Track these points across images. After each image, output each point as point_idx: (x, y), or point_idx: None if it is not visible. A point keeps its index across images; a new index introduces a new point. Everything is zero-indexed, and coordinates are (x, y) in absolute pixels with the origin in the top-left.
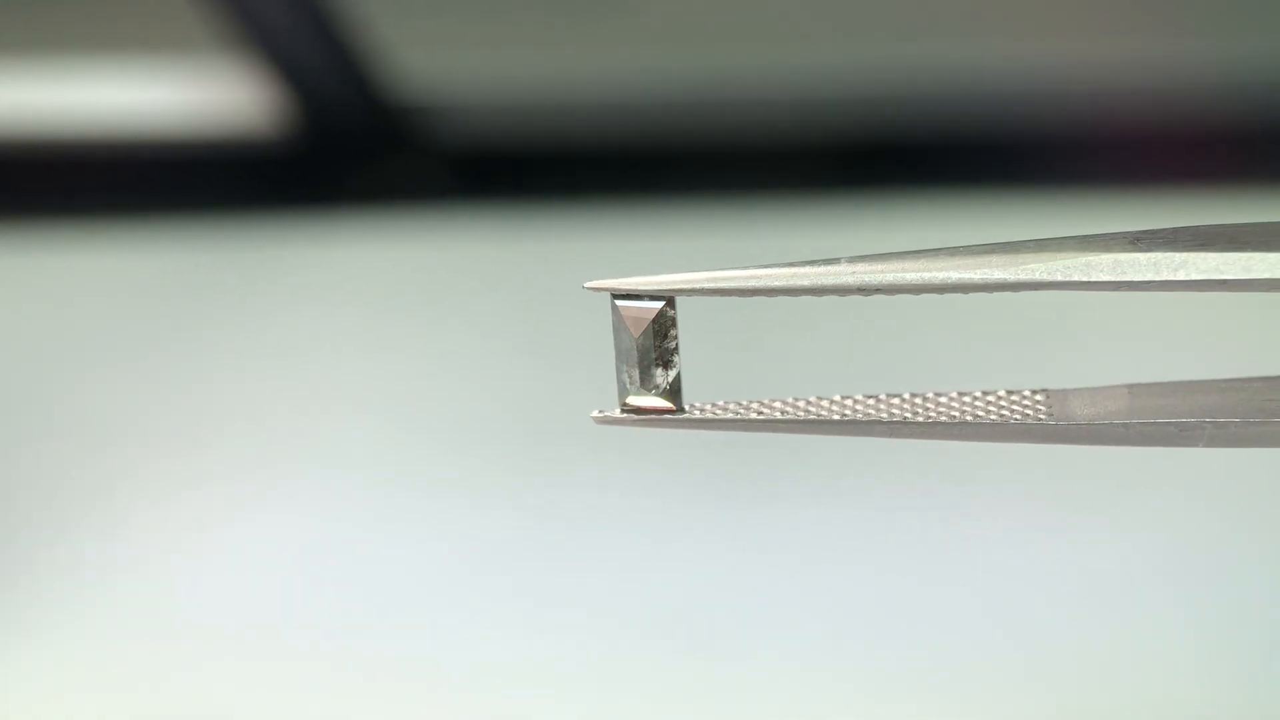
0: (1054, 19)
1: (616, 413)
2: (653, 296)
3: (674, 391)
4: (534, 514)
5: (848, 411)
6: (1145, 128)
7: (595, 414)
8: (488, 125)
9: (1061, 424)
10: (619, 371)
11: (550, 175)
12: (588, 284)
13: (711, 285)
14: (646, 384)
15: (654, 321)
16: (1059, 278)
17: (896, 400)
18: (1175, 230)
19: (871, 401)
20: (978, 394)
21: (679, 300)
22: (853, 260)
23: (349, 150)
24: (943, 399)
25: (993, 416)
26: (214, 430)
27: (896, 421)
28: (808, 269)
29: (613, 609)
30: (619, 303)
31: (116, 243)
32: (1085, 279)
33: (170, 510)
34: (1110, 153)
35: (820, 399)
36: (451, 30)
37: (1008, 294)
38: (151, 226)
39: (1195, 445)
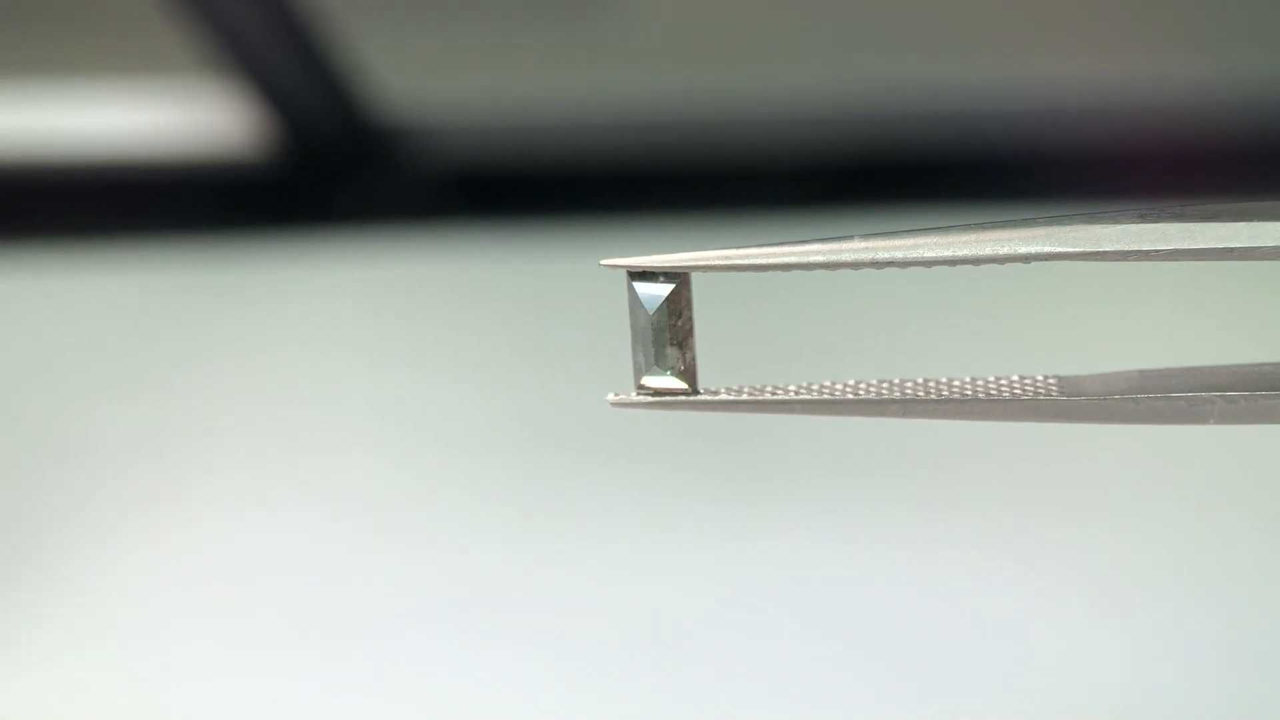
0: (1050, 38)
1: (632, 395)
2: (667, 273)
3: (689, 373)
4: (522, 533)
5: (862, 392)
6: (1144, 144)
7: (611, 397)
8: (471, 145)
9: (1073, 400)
10: (634, 353)
11: (534, 194)
12: (603, 261)
13: (726, 262)
14: (662, 365)
15: (669, 300)
16: (1069, 249)
17: (910, 384)
18: (1183, 207)
19: (885, 384)
20: (990, 379)
21: (693, 288)
22: (866, 236)
23: (333, 171)
24: (955, 383)
25: (1005, 395)
26: (197, 448)
27: (910, 400)
28: (821, 245)
29: (610, 619)
30: (635, 283)
31: (102, 264)
32: (1094, 249)
33: (164, 525)
34: (1106, 170)
35: (834, 383)
36: (434, 52)
37: (1019, 277)
38: (137, 248)
39: (1205, 422)
